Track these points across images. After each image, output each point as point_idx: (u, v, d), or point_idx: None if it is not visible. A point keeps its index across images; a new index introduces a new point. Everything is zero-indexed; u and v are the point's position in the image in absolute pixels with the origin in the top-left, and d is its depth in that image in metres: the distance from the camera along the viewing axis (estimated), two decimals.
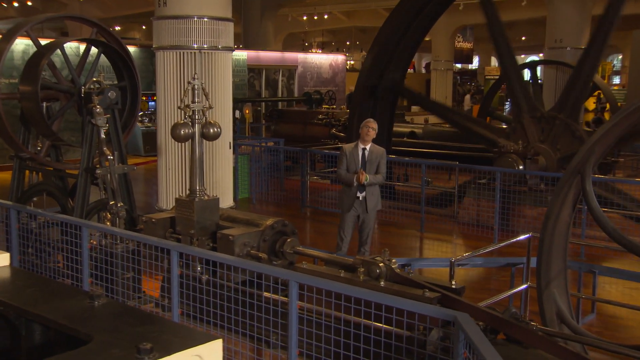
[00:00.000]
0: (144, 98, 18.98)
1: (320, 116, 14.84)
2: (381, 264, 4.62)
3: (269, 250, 5.25)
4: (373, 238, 9.98)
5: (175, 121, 5.39)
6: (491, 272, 8.00)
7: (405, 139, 13.61)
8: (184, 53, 9.29)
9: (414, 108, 31.85)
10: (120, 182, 6.30)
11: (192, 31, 9.25)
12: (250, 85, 23.26)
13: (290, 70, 24.22)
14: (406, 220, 10.55)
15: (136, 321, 3.03)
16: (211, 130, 5.43)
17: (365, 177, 7.27)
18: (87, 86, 5.98)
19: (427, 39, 36.06)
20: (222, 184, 9.74)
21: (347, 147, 7.66)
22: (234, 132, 15.93)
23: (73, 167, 6.51)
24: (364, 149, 7.51)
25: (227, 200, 9.89)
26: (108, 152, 5.92)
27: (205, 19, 9.30)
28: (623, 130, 4.77)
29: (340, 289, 3.92)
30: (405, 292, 4.31)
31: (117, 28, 40.57)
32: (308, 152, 11.58)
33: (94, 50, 6.47)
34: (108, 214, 6.08)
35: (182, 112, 5.38)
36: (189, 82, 5.31)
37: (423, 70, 50.30)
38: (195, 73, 5.35)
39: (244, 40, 25.97)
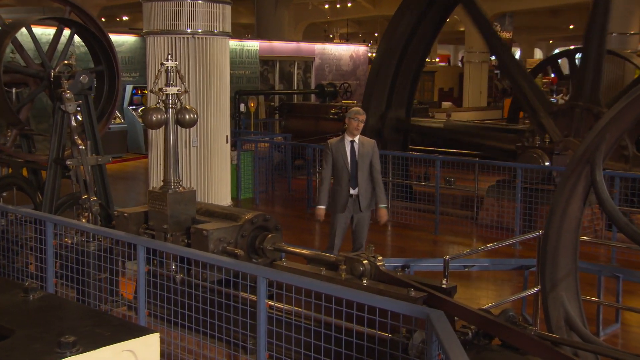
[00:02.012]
0: (145, 92, 19.12)
1: (333, 110, 14.79)
2: (365, 261, 4.57)
3: (248, 246, 5.22)
4: (381, 240, 9.94)
5: None
6: (510, 275, 7.88)
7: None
8: (176, 38, 9.30)
9: (445, 104, 31.70)
10: (95, 174, 6.32)
11: (186, 14, 9.26)
12: (264, 79, 23.30)
13: (306, 62, 24.23)
14: (421, 222, 10.48)
15: (70, 315, 3.03)
16: (187, 117, 5.43)
17: (385, 212, 7.38)
18: (56, 70, 6.01)
19: (461, 29, 35.97)
20: (218, 181, 9.74)
21: (333, 141, 7.54)
22: (239, 127, 16.03)
23: (46, 160, 6.54)
24: (352, 142, 7.38)
25: (224, 199, 9.89)
26: (79, 142, 5.94)
27: (200, 1, 9.31)
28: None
29: (310, 285, 3.88)
30: (389, 292, 4.25)
31: (125, 18, 41.04)
32: (314, 149, 11.54)
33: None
34: (83, 210, 6.11)
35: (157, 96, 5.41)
36: (161, 64, 5.33)
37: (459, 64, 49.95)
38: (169, 54, 5.34)
39: (256, 30, 26.04)
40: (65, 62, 6.08)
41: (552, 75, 23.90)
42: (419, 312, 3.36)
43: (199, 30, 9.34)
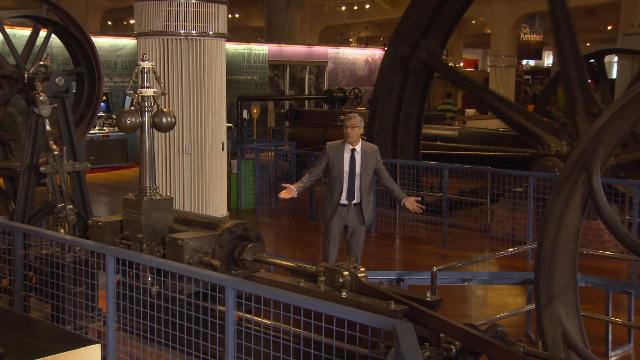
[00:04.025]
0: None
1: (341, 117, 14.77)
2: (345, 273, 4.56)
3: (226, 257, 5.22)
4: (386, 253, 9.94)
5: None
6: (518, 290, 7.82)
7: (438, 142, 13.50)
8: (168, 40, 9.37)
9: (469, 111, 31.57)
10: (73, 182, 6.36)
11: (179, 14, 9.33)
12: (274, 84, 23.37)
13: (319, 67, 24.29)
14: (430, 235, 10.44)
15: (11, 327, 3.04)
16: (164, 120, 5.48)
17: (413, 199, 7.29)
18: (31, 71, 6.07)
19: (487, 31, 35.75)
20: (213, 191, 9.76)
21: (332, 144, 7.33)
22: (241, 134, 16.08)
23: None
24: (353, 150, 7.16)
25: (219, 210, 9.91)
26: (54, 147, 5.98)
27: (194, 1, 9.38)
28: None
29: (279, 296, 3.87)
30: (368, 304, 4.24)
31: (132, 21, 41.41)
32: (316, 157, 11.51)
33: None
34: (60, 219, 6.14)
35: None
36: (137, 64, 5.37)
37: (488, 69, 49.68)
38: (144, 53, 5.39)
39: (267, 33, 26.15)
40: (41, 62, 6.14)
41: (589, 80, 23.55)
42: (386, 324, 3.34)
43: (193, 32, 9.40)
